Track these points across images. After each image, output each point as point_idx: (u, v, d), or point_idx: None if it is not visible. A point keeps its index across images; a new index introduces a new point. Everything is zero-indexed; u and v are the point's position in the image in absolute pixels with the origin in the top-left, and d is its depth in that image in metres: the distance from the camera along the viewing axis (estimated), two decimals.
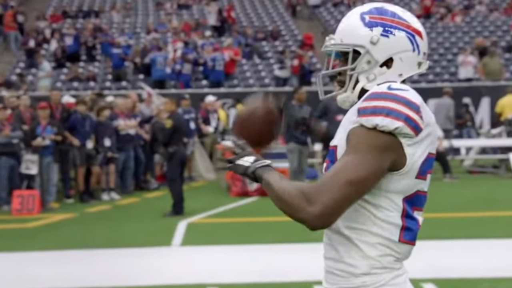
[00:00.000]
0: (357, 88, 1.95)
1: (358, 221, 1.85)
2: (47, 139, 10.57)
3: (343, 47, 1.96)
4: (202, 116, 15.02)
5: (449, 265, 6.26)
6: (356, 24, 1.95)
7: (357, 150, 1.80)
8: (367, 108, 1.81)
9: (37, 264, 6.82)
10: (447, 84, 19.20)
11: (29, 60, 20.26)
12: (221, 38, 22.47)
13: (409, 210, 1.90)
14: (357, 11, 1.99)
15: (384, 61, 1.93)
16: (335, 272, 1.91)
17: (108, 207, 10.77)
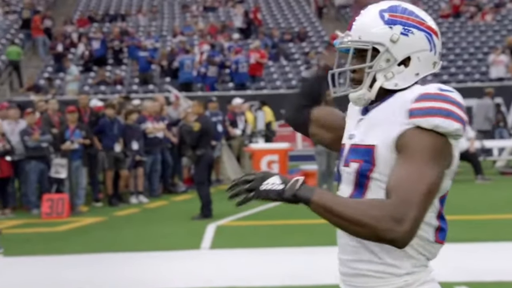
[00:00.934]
0: (375, 86, 1.94)
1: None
2: (75, 142, 10.71)
3: (362, 44, 1.94)
4: (229, 118, 15.07)
5: (482, 267, 6.20)
6: (376, 22, 1.94)
7: (425, 156, 1.78)
8: (422, 109, 1.79)
9: (68, 267, 6.91)
10: (478, 84, 18.99)
11: (57, 65, 20.55)
12: (248, 40, 22.53)
13: (442, 210, 1.94)
14: (375, 8, 1.97)
15: (402, 59, 1.93)
16: (371, 274, 1.91)
17: (137, 211, 10.87)
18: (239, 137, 14.95)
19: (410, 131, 1.80)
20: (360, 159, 1.89)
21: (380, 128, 1.87)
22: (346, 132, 2.07)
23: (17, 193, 11.48)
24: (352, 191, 1.93)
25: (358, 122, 1.99)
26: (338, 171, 2.03)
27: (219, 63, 19.56)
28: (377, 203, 1.73)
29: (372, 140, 1.88)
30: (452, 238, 8.00)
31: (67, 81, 18.70)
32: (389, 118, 1.86)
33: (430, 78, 19.66)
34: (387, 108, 1.90)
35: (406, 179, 1.74)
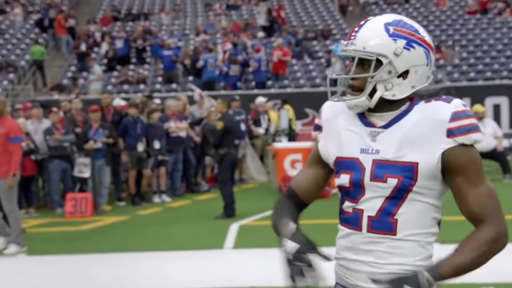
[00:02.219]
0: (376, 96, 2.09)
1: (426, 225, 2.10)
2: (98, 142, 10.80)
3: (367, 55, 2.07)
4: (253, 117, 15.07)
5: (510, 268, 6.12)
6: (381, 34, 2.07)
7: (482, 171, 2.09)
8: (460, 128, 2.01)
9: (92, 266, 6.97)
10: (506, 81, 18.77)
11: (80, 64, 20.74)
12: (271, 38, 22.52)
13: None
14: (380, 21, 2.11)
15: (401, 72, 2.09)
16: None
17: (160, 210, 10.93)
18: (262, 136, 14.95)
19: (457, 150, 2.03)
20: (399, 175, 2.04)
21: (418, 146, 2.03)
22: (351, 143, 2.14)
23: (41, 192, 11.61)
24: (383, 203, 2.08)
25: (374, 135, 2.11)
26: (354, 183, 2.12)
27: (241, 62, 19.58)
28: (483, 240, 2.04)
29: (414, 158, 2.03)
30: None
31: (91, 81, 18.85)
32: (425, 136, 2.03)
33: (457, 75, 19.47)
34: (417, 124, 2.05)
35: (487, 200, 2.06)
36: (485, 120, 13.10)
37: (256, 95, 16.48)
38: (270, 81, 19.71)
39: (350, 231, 2.16)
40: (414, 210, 2.07)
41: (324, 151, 2.25)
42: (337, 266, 2.25)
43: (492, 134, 12.89)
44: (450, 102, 2.06)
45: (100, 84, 18.74)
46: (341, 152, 2.17)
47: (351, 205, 2.15)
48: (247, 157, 14.18)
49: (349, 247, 2.17)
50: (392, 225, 2.07)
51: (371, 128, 2.12)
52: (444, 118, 2.02)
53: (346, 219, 2.18)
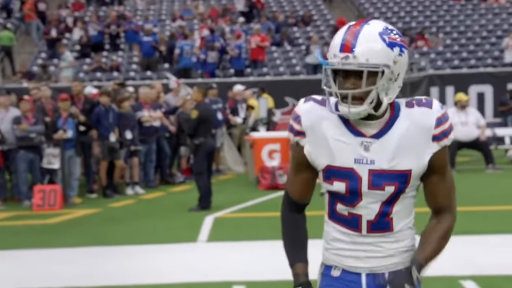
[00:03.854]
0: (384, 104, 2.25)
1: (411, 212, 2.39)
2: (68, 132, 10.71)
3: (373, 67, 2.21)
4: (230, 106, 15.04)
5: (490, 261, 6.18)
6: (381, 45, 2.22)
7: (449, 165, 2.38)
8: (444, 132, 2.28)
9: (60, 262, 6.91)
10: (490, 69, 18.91)
11: (50, 50, 20.52)
12: (250, 24, 22.45)
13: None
14: (373, 30, 2.24)
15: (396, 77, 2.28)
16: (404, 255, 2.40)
17: (132, 202, 10.88)
18: (240, 126, 14.94)
19: (440, 152, 2.29)
20: (395, 182, 2.28)
21: (409, 153, 2.27)
22: (343, 154, 2.30)
23: (8, 184, 11.50)
24: (380, 207, 2.32)
25: (366, 146, 2.28)
26: (351, 191, 2.31)
27: (219, 49, 19.51)
28: (446, 229, 2.38)
29: (407, 165, 2.27)
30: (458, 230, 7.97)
31: (61, 68, 18.68)
32: (415, 144, 2.27)
33: (440, 63, 19.56)
34: (407, 134, 2.27)
35: (451, 192, 2.38)
36: (468, 109, 13.19)
37: (234, 83, 16.44)
38: (249, 68, 19.67)
39: (348, 231, 2.37)
40: (404, 205, 2.35)
41: (312, 157, 2.35)
42: (329, 253, 2.44)
43: (475, 123, 12.99)
44: (431, 107, 2.28)
45: (72, 71, 18.58)
46: (332, 161, 2.31)
47: (347, 208, 2.35)
48: (224, 148, 14.17)
49: (347, 242, 2.37)
50: (389, 223, 2.34)
51: (362, 138, 2.28)
52: (430, 125, 2.26)
53: (343, 220, 2.37)
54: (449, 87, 17.86)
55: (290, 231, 2.45)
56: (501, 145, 14.44)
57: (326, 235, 2.44)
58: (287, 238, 2.45)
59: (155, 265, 6.60)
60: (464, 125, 12.89)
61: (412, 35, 21.98)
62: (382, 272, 2.36)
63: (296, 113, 2.37)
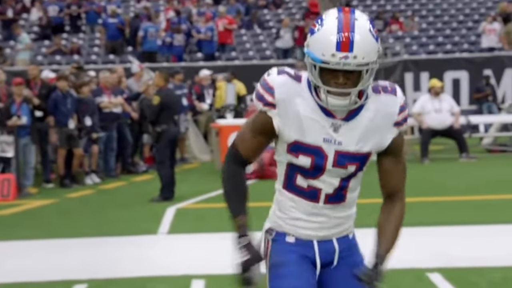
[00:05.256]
0: (365, 95, 2.44)
1: (359, 185, 2.64)
2: (23, 118, 10.58)
3: (370, 65, 2.37)
4: (196, 91, 14.99)
5: (458, 253, 6.25)
6: (373, 42, 2.39)
7: (403, 151, 2.60)
8: (404, 118, 2.53)
9: (14, 255, 6.84)
10: (466, 55, 19.08)
11: (6, 32, 20.20)
12: (218, 6, 22.34)
13: None
14: (364, 26, 2.37)
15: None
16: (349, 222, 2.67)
17: (91, 192, 10.82)
18: (207, 112, 14.90)
19: (398, 136, 2.53)
20: (357, 162, 2.51)
21: (373, 137, 2.49)
22: (313, 132, 2.46)
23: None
24: (339, 182, 2.54)
25: (336, 127, 2.46)
26: (315, 166, 2.50)
27: (185, 31, 19.39)
28: (399, 219, 2.62)
29: (369, 148, 2.51)
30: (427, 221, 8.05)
31: (18, 50, 18.41)
32: (379, 129, 2.49)
33: (416, 48, 19.70)
34: (373, 118, 2.47)
35: (403, 177, 2.61)
36: (442, 95, 13.31)
37: (202, 68, 16.37)
38: (217, 52, 19.60)
39: (305, 201, 2.57)
40: (358, 178, 2.60)
41: (280, 129, 2.50)
42: (283, 222, 2.62)
43: (448, 110, 13.12)
44: (396, 94, 2.51)
45: (29, 54, 18.30)
46: (302, 137, 2.47)
47: (307, 181, 2.54)
48: (190, 135, 14.12)
49: (302, 212, 2.57)
50: (344, 195, 2.58)
51: (332, 119, 2.46)
52: (394, 112, 2.50)
53: (301, 192, 2.56)
54: (424, 73, 18.01)
55: (235, 184, 2.60)
56: (475, 133, 14.63)
57: (279, 203, 2.63)
58: (231, 190, 2.61)
59: (113, 259, 6.56)
60: (437, 112, 13.01)
61: (386, 18, 22.09)
62: (330, 239, 2.64)
63: (269, 85, 2.48)
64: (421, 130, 13.41)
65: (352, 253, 2.67)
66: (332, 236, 2.63)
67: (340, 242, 2.65)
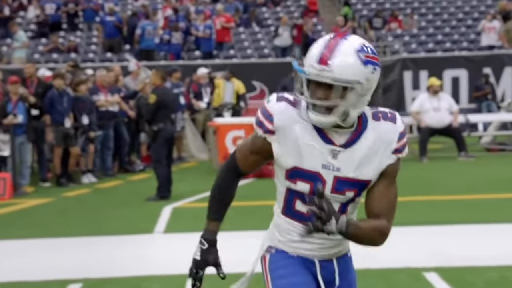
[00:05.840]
0: (352, 116, 2.47)
1: (356, 210, 2.66)
2: (19, 117, 10.58)
3: (346, 83, 2.41)
4: (194, 90, 14.99)
5: (455, 252, 6.27)
6: (356, 63, 2.41)
7: (396, 175, 2.60)
8: (403, 145, 2.56)
9: (9, 255, 6.85)
10: (465, 53, 19.09)
11: (3, 29, 20.19)
12: (216, 4, 22.34)
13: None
14: (351, 48, 2.42)
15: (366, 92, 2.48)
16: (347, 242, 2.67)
17: (88, 191, 10.83)
18: (204, 111, 14.90)
19: (395, 164, 2.56)
20: (355, 188, 2.54)
21: (371, 164, 2.52)
22: (312, 158, 2.50)
23: None
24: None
25: (335, 154, 2.50)
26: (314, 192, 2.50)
27: (183, 29, 19.39)
28: (379, 227, 2.55)
29: (369, 175, 2.53)
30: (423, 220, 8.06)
31: (14, 48, 18.40)
32: (378, 156, 2.52)
33: (415, 46, 19.70)
34: (372, 145, 2.51)
35: (392, 202, 2.58)
36: (440, 94, 13.33)
37: (200, 66, 16.37)
38: (215, 51, 19.60)
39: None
40: (356, 204, 2.63)
41: (278, 155, 2.55)
42: (282, 244, 2.66)
43: (447, 109, 13.13)
44: (396, 122, 2.55)
45: (25, 52, 18.30)
46: (300, 164, 2.51)
47: (306, 207, 2.52)
48: (187, 134, 14.13)
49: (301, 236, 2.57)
50: None
51: (331, 146, 2.50)
52: (393, 139, 2.53)
53: (300, 217, 2.58)
54: (423, 71, 18.01)
55: (223, 192, 2.70)
56: (474, 132, 14.64)
57: (278, 227, 2.67)
58: (218, 196, 2.70)
59: (108, 258, 6.57)
60: (436, 111, 13.03)
61: (385, 16, 22.10)
62: (331, 259, 2.67)
63: (268, 112, 2.54)
64: (419, 128, 13.43)
65: (349, 269, 2.73)
66: (332, 256, 2.67)
67: (339, 262, 2.69)
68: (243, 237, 6.69)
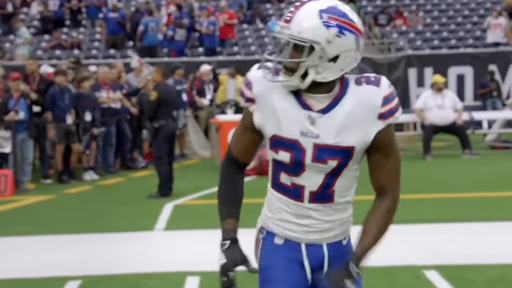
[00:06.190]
0: (308, 79, 2.39)
1: (352, 185, 2.55)
2: (20, 113, 10.60)
3: (301, 41, 2.34)
4: (197, 87, 14.98)
5: (455, 250, 6.26)
6: (315, 22, 2.35)
7: (396, 144, 2.51)
8: (390, 111, 2.42)
9: (10, 251, 6.87)
10: (471, 50, 19.03)
11: (5, 26, 20.23)
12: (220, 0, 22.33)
13: None
14: (315, 6, 2.37)
15: (332, 57, 2.38)
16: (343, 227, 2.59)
17: (89, 188, 10.84)
18: (207, 108, 14.90)
19: (384, 130, 2.43)
20: (338, 157, 2.44)
21: (354, 130, 2.42)
22: (290, 125, 2.44)
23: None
24: (323, 179, 2.47)
25: (313, 120, 2.42)
26: (295, 161, 2.46)
27: (187, 26, 19.39)
28: (384, 215, 2.51)
29: (350, 142, 2.42)
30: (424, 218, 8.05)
31: (17, 45, 18.44)
32: (361, 121, 2.41)
33: (420, 43, 19.67)
34: (353, 111, 2.41)
35: (395, 172, 2.50)
36: (444, 91, 13.30)
37: (203, 63, 16.36)
38: (218, 47, 19.59)
39: (290, 200, 2.52)
40: (347, 178, 2.51)
41: (260, 124, 2.50)
42: (271, 222, 2.60)
43: (451, 106, 13.10)
44: (379, 85, 2.42)
45: (28, 48, 18.33)
46: (279, 131, 2.46)
47: (290, 178, 2.50)
48: (190, 131, 14.14)
49: (289, 213, 2.53)
50: (330, 195, 2.50)
51: (309, 111, 2.42)
52: (377, 104, 2.41)
53: (285, 190, 2.53)
54: (427, 68, 17.96)
55: (228, 187, 2.62)
56: (479, 129, 14.61)
57: (269, 203, 2.62)
58: (224, 193, 2.63)
59: (108, 255, 6.58)
60: (440, 108, 13.00)
61: (390, 13, 22.05)
62: (321, 244, 2.57)
63: (248, 79, 2.51)
64: (423, 126, 13.41)
65: (343, 256, 2.58)
66: (323, 241, 2.56)
67: (330, 247, 2.57)
68: (245, 235, 6.69)
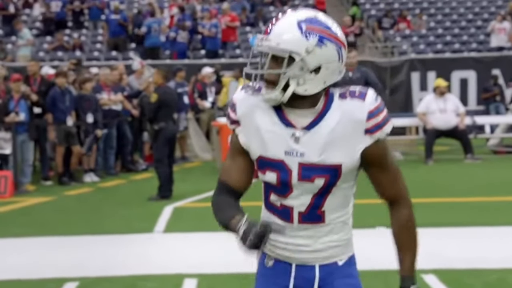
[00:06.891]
0: (289, 91, 2.32)
1: (347, 204, 2.46)
2: (21, 115, 10.65)
3: (280, 52, 2.29)
4: (198, 89, 15.03)
5: (453, 254, 6.29)
6: (294, 32, 2.29)
7: (392, 157, 2.46)
8: (376, 125, 2.34)
9: (10, 253, 6.90)
10: (474, 54, 19.04)
11: (7, 27, 20.31)
12: (223, 3, 22.39)
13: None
14: (294, 17, 2.32)
15: (313, 68, 2.31)
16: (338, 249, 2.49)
17: (90, 190, 10.88)
18: (209, 110, 14.94)
19: (373, 145, 2.35)
20: (325, 175, 2.35)
21: (340, 147, 2.34)
22: (274, 145, 2.37)
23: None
24: (311, 199, 2.39)
25: (297, 138, 2.35)
26: (281, 182, 2.39)
27: (189, 28, 19.45)
28: (409, 222, 2.47)
29: (337, 160, 2.34)
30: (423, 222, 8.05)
31: (19, 46, 18.51)
32: (346, 137, 2.33)
33: (423, 47, 19.69)
34: (337, 127, 2.33)
35: (397, 182, 2.44)
36: (447, 95, 13.32)
37: (205, 65, 16.40)
38: (221, 50, 19.64)
39: (281, 222, 2.45)
40: (338, 197, 2.42)
41: (246, 145, 2.44)
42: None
43: (453, 110, 13.12)
44: (364, 99, 2.34)
45: (30, 50, 18.40)
46: (264, 152, 2.39)
47: (279, 199, 2.44)
48: (191, 134, 14.18)
49: (278, 232, 2.41)
50: (320, 216, 2.42)
51: (292, 129, 2.36)
52: (362, 119, 2.33)
53: (275, 211, 2.47)
54: (431, 72, 17.97)
55: (225, 205, 2.45)
56: (481, 134, 14.62)
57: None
58: (222, 209, 2.44)
59: (106, 257, 6.62)
60: (442, 113, 13.02)
61: (394, 16, 22.09)
62: (313, 264, 2.47)
63: (233, 101, 2.46)
64: (425, 130, 13.43)
65: (334, 279, 2.47)
66: (315, 262, 2.46)
67: (323, 269, 2.47)
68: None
